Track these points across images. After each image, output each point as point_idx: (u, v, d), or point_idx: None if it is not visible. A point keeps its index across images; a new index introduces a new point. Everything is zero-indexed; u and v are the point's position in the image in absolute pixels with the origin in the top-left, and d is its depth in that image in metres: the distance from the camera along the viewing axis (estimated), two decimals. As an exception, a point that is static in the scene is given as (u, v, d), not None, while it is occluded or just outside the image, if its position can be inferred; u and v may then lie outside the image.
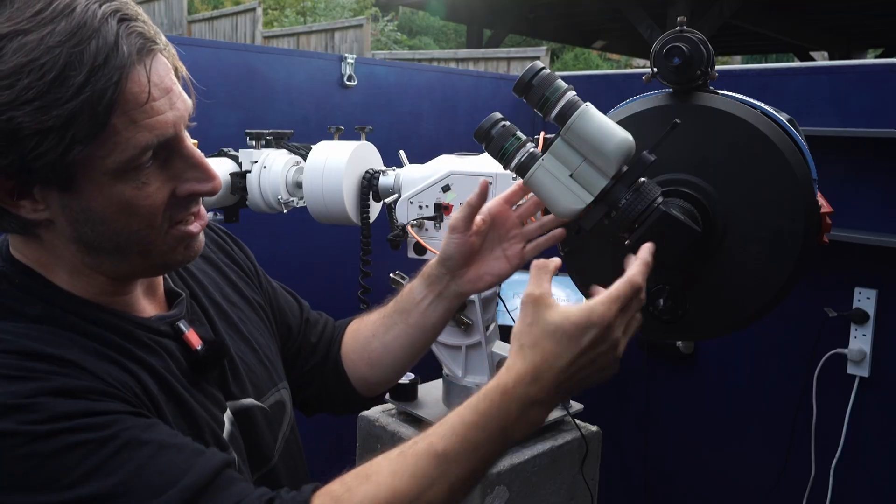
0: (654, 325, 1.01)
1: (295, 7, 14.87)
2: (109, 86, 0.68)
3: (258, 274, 1.10)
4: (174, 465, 0.70)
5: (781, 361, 2.19)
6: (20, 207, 0.73)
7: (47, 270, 0.78)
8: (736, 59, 13.31)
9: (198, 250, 0.84)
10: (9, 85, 0.66)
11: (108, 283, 0.81)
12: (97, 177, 0.72)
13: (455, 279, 1.04)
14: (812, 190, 0.97)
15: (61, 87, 0.67)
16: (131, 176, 0.73)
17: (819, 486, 2.09)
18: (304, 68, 2.14)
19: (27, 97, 0.66)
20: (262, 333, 1.04)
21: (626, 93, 1.09)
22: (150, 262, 0.81)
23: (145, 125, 0.72)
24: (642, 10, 6.44)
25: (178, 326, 0.87)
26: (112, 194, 0.73)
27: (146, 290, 0.88)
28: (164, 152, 0.76)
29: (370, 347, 1.11)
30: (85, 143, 0.69)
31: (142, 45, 0.71)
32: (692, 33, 0.95)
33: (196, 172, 0.79)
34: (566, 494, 1.72)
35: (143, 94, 0.71)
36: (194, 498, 0.69)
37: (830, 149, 1.96)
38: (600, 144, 0.89)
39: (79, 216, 0.74)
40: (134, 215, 0.75)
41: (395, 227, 1.55)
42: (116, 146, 0.71)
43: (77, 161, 0.70)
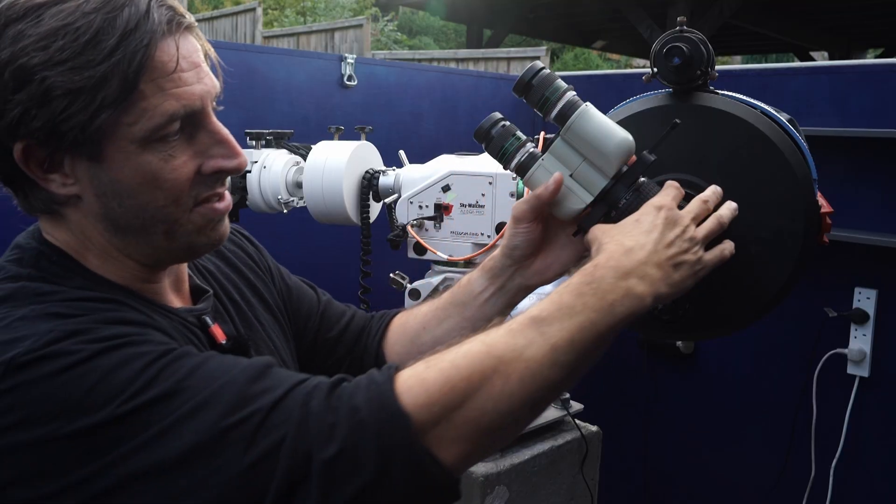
0: (654, 325, 1.01)
1: (295, 7, 14.88)
2: (140, 49, 0.70)
3: (272, 272, 1.10)
4: (228, 362, 0.71)
5: (781, 361, 2.19)
6: (50, 182, 0.74)
7: (79, 255, 0.79)
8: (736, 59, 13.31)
9: (223, 234, 0.85)
10: (44, 46, 0.68)
11: (137, 268, 0.81)
12: (125, 145, 0.73)
13: (520, 271, 1.00)
14: (812, 190, 0.97)
15: (94, 50, 0.69)
16: (158, 147, 0.74)
17: (819, 486, 2.09)
18: (304, 68, 2.14)
19: (61, 58, 0.69)
20: (278, 335, 1.04)
21: (626, 93, 1.09)
22: (175, 244, 0.81)
23: (173, 94, 0.73)
24: (642, 10, 6.44)
25: (205, 320, 0.88)
26: (139, 164, 0.74)
27: (173, 283, 0.89)
28: (190, 126, 0.77)
29: (420, 341, 1.07)
30: (114, 106, 0.70)
31: (171, 17, 0.74)
32: (692, 33, 0.95)
33: (222, 149, 0.79)
34: (566, 494, 1.73)
35: (171, 62, 0.73)
36: (257, 377, 0.69)
37: (830, 149, 1.96)
38: (600, 144, 0.89)
39: (107, 189, 0.75)
40: (160, 189, 0.76)
41: (395, 227, 1.55)
42: (144, 112, 0.72)
43: (105, 128, 0.71)
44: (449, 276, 1.54)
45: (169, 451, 0.64)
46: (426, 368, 0.70)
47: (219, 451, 0.65)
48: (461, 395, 0.68)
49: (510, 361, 0.70)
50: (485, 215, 1.50)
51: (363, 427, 0.66)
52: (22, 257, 0.78)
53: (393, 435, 0.66)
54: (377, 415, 0.67)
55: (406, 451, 0.66)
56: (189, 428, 0.65)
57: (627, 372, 2.52)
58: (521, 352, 0.71)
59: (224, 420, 0.65)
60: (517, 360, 0.70)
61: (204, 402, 0.66)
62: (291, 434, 0.66)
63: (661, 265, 0.81)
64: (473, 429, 0.69)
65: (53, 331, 0.67)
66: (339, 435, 0.66)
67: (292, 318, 1.09)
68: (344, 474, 0.65)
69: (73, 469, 0.64)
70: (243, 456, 0.65)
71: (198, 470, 0.64)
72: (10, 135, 0.71)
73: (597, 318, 0.75)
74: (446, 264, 1.54)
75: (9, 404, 0.64)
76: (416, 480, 0.67)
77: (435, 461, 0.67)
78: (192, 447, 0.64)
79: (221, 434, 0.65)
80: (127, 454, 0.64)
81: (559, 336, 0.72)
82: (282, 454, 0.65)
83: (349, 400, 0.68)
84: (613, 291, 0.76)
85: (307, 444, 0.65)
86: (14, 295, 0.72)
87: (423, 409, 0.68)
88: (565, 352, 0.72)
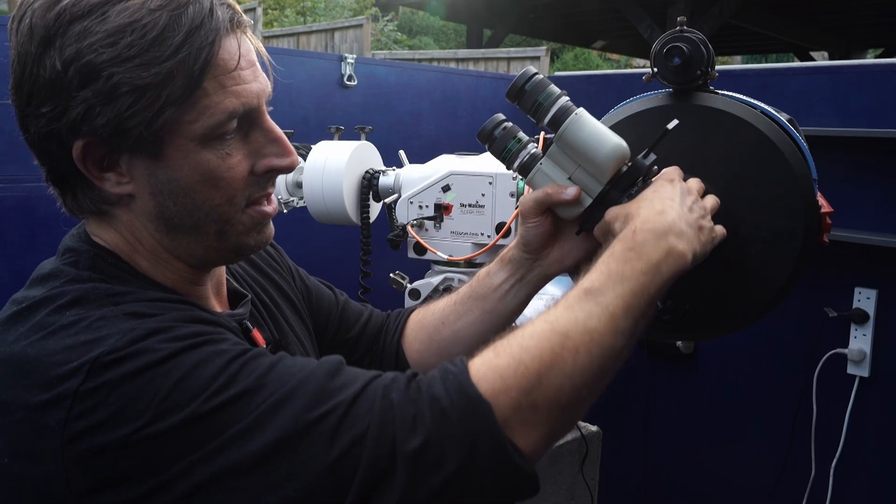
0: (654, 325, 1.01)
1: (295, 7, 14.87)
2: (205, 46, 0.71)
3: (293, 273, 1.10)
4: (304, 361, 0.72)
5: (781, 361, 2.19)
6: (105, 180, 0.75)
7: (128, 257, 0.79)
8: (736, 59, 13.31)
9: (269, 236, 0.86)
10: (111, 43, 0.69)
11: (184, 270, 0.82)
12: (185, 144, 0.74)
13: (540, 261, 1.01)
14: (812, 190, 0.97)
15: (160, 47, 0.69)
16: (216, 145, 0.75)
17: (819, 486, 2.09)
18: (304, 68, 2.14)
19: (128, 54, 0.69)
20: (306, 337, 1.04)
21: (626, 93, 1.09)
22: (225, 244, 0.81)
23: (233, 91, 0.74)
24: (642, 10, 6.44)
25: (246, 324, 0.88)
26: (198, 162, 0.75)
27: (214, 288, 0.89)
28: (246, 125, 0.78)
29: (439, 336, 1.08)
30: (178, 104, 0.71)
31: (232, 16, 0.75)
32: (692, 33, 0.95)
33: (275, 147, 0.81)
34: (566, 494, 1.72)
35: (232, 60, 0.74)
36: (335, 372, 0.69)
37: (830, 149, 1.96)
38: (592, 153, 0.89)
39: (163, 187, 0.75)
40: (216, 187, 0.76)
41: (395, 227, 1.55)
42: (205, 110, 0.73)
43: (168, 125, 0.72)
44: (449, 275, 1.54)
45: (253, 447, 0.64)
46: (496, 356, 0.71)
47: (303, 446, 0.65)
48: (535, 375, 0.69)
49: (575, 335, 0.71)
50: (485, 215, 1.50)
51: (446, 417, 0.66)
52: (78, 260, 0.77)
53: (476, 422, 0.66)
54: (459, 404, 0.67)
55: (490, 438, 0.66)
56: (272, 423, 0.65)
57: (627, 372, 2.51)
58: (584, 324, 0.72)
59: (307, 414, 0.66)
60: (582, 333, 0.71)
61: (285, 397, 0.66)
62: (375, 425, 0.65)
63: (691, 224, 0.83)
64: (552, 407, 0.69)
65: (135, 329, 0.67)
66: (421, 425, 0.66)
67: (313, 318, 1.10)
68: (429, 465, 0.65)
69: (159, 470, 0.64)
70: (329, 449, 0.65)
71: (283, 465, 0.64)
72: (71, 132, 0.71)
73: (646, 280, 0.77)
74: (446, 264, 1.54)
75: (94, 403, 0.64)
76: (500, 469, 0.67)
77: (516, 449, 0.67)
78: (277, 442, 0.64)
79: (305, 428, 0.65)
80: (212, 452, 0.64)
81: (615, 303, 0.74)
82: (366, 446, 0.65)
83: (429, 390, 0.68)
84: (656, 252, 0.78)
85: (391, 436, 0.65)
86: (87, 296, 0.72)
87: (501, 394, 0.68)
88: (623, 318, 0.74)
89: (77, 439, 0.64)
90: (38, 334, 0.68)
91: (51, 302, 0.71)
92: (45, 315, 0.70)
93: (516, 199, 1.46)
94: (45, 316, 0.70)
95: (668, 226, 0.80)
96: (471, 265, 1.54)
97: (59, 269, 0.77)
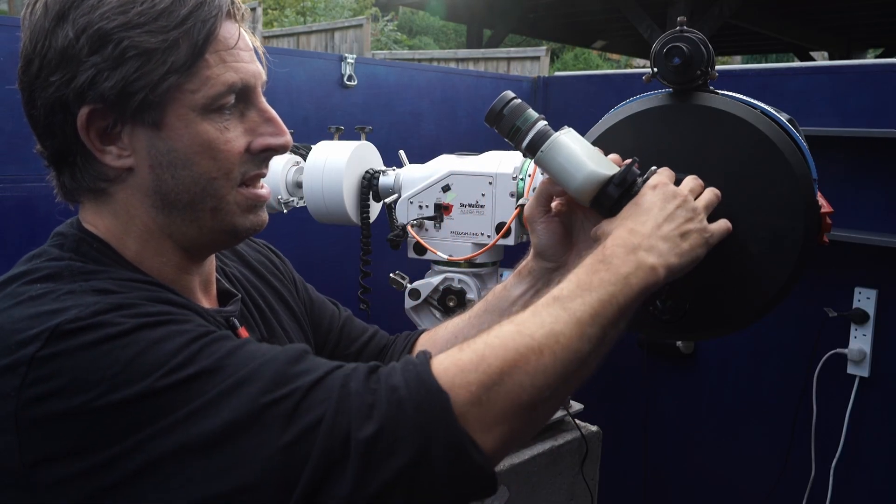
0: (654, 325, 1.01)
1: (295, 7, 14.86)
2: (209, 19, 0.76)
3: (296, 284, 1.11)
4: (268, 347, 0.72)
5: (781, 361, 2.19)
6: (106, 153, 0.78)
7: (118, 241, 0.81)
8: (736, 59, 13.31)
9: (264, 220, 0.87)
10: (123, 11, 0.74)
11: (175, 254, 0.83)
12: (185, 113, 0.77)
13: (559, 269, 1.00)
14: (812, 190, 0.97)
15: (168, 17, 0.75)
16: (215, 117, 0.79)
17: (819, 486, 2.09)
18: (304, 68, 2.14)
19: (138, 21, 0.74)
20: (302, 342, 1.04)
21: (626, 93, 1.09)
22: (219, 225, 0.83)
23: (233, 66, 0.79)
24: (642, 10, 6.44)
25: (233, 322, 0.89)
26: (197, 132, 0.78)
27: (202, 283, 0.90)
28: (242, 103, 0.81)
29: None
30: (181, 71, 0.75)
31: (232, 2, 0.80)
32: (692, 33, 0.95)
33: (270, 127, 0.84)
34: (566, 494, 1.73)
35: (232, 38, 0.79)
36: (296, 359, 0.70)
37: (830, 149, 1.96)
38: (566, 183, 0.91)
39: (162, 158, 0.78)
40: (214, 159, 0.79)
41: (395, 227, 1.55)
42: (207, 80, 0.77)
43: (170, 92, 0.75)
44: (449, 275, 1.54)
45: (206, 427, 0.64)
46: (460, 351, 0.71)
47: (257, 429, 0.65)
48: (497, 372, 0.69)
49: (540, 337, 0.72)
50: (485, 215, 1.50)
51: (402, 406, 0.66)
52: (63, 243, 0.80)
53: (431, 412, 0.66)
54: (416, 393, 0.67)
55: (445, 430, 0.66)
56: (227, 404, 0.65)
57: (627, 372, 2.52)
58: (550, 327, 0.73)
59: (263, 397, 0.65)
60: (547, 335, 0.72)
61: (243, 379, 0.66)
62: (330, 412, 0.65)
63: (666, 237, 0.84)
64: (512, 406, 0.70)
65: (99, 303, 0.68)
66: (377, 414, 0.66)
67: (314, 330, 1.10)
68: (382, 454, 0.64)
69: (109, 443, 0.64)
70: (282, 434, 0.64)
71: (235, 447, 0.64)
72: (77, 98, 0.74)
73: (615, 290, 0.78)
74: (446, 264, 1.54)
75: (50, 371, 0.64)
76: (455, 464, 0.66)
77: (474, 445, 0.67)
78: (231, 423, 0.64)
79: (260, 411, 0.65)
80: (165, 429, 0.64)
81: (583, 310, 0.75)
82: (320, 433, 0.65)
83: (387, 380, 0.68)
84: (625, 265, 0.80)
85: (346, 424, 0.65)
86: (61, 273, 0.74)
87: (460, 388, 0.68)
88: (590, 324, 0.75)
89: (29, 406, 0.64)
90: (6, 303, 0.70)
91: (26, 276, 0.74)
92: (17, 286, 0.72)
93: (516, 199, 1.46)
94: (16, 286, 0.72)
95: (637, 241, 0.83)
96: (471, 265, 1.54)
97: (44, 249, 0.80)
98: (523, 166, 1.47)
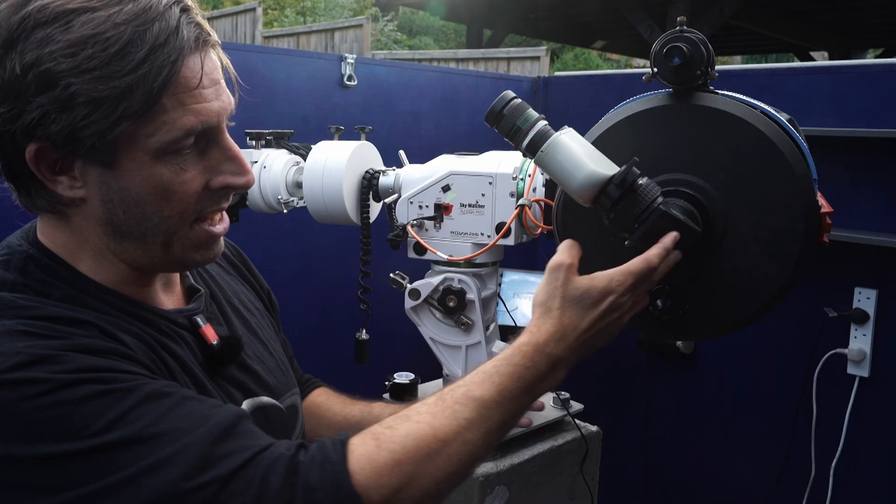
0: (654, 325, 1.01)
1: (295, 7, 14.86)
2: (167, 65, 0.71)
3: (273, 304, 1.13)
4: (198, 411, 0.71)
5: (781, 361, 2.18)
6: (57, 184, 0.75)
7: (72, 256, 0.80)
8: (736, 59, 13.30)
9: (217, 252, 0.86)
10: (72, 53, 0.69)
11: (128, 271, 0.82)
12: (139, 156, 0.74)
13: None
14: (812, 189, 0.97)
15: (122, 61, 0.70)
16: (171, 159, 0.75)
17: (819, 485, 2.08)
18: (304, 68, 2.13)
19: (88, 66, 0.69)
20: (276, 343, 1.05)
21: (626, 93, 1.09)
22: (170, 257, 0.82)
23: (192, 109, 0.74)
24: (642, 10, 6.44)
25: (195, 320, 0.88)
26: (151, 175, 0.75)
27: (164, 285, 0.89)
28: (203, 141, 0.78)
29: None
30: (134, 118, 0.71)
31: (198, 35, 0.75)
32: (692, 33, 0.95)
33: (232, 165, 0.81)
34: (566, 494, 1.72)
35: (194, 79, 0.74)
36: (222, 437, 0.69)
37: (830, 149, 1.96)
38: (566, 183, 0.91)
39: (114, 196, 0.76)
40: (168, 200, 0.77)
41: (395, 227, 1.55)
42: (163, 125, 0.73)
43: (123, 137, 0.72)
44: (449, 275, 1.54)
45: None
46: (377, 449, 0.74)
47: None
48: (408, 477, 0.73)
49: (454, 445, 0.77)
50: (485, 215, 1.50)
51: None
52: (10, 260, 0.78)
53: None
54: (332, 497, 0.70)
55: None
56: (148, 484, 0.65)
57: (627, 372, 2.52)
58: (463, 434, 0.78)
59: (185, 482, 0.66)
60: (458, 444, 0.77)
61: (167, 458, 0.66)
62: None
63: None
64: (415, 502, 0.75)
65: (20, 353, 0.67)
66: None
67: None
68: None
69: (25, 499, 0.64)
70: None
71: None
72: (25, 135, 0.71)
73: (526, 400, 0.84)
74: (446, 264, 1.54)
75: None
76: None
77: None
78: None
79: (180, 497, 0.65)
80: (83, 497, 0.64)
81: (496, 419, 0.80)
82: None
83: (305, 478, 0.70)
84: (544, 379, 0.85)
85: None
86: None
87: (374, 491, 0.72)
88: (497, 433, 0.81)
89: None
90: None
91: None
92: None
93: (516, 199, 1.46)
94: None
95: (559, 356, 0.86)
96: (471, 265, 1.54)
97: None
98: (523, 166, 1.46)
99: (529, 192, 1.44)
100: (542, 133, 0.91)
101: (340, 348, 1.80)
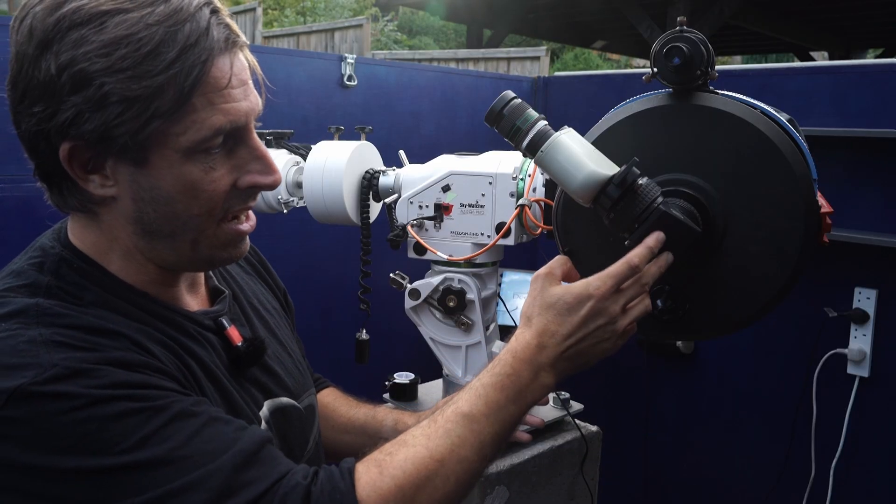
0: (654, 325, 1.01)
1: (295, 7, 14.86)
2: (197, 65, 0.73)
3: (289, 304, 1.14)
4: (224, 434, 0.73)
5: (781, 361, 2.19)
6: (89, 182, 0.77)
7: (102, 256, 0.81)
8: (736, 59, 13.30)
9: (244, 251, 0.88)
10: (106, 53, 0.70)
11: (156, 271, 0.83)
12: (169, 154, 0.75)
13: None
14: (812, 189, 0.96)
15: (154, 61, 0.72)
16: (201, 158, 0.77)
17: (819, 485, 2.09)
18: (304, 68, 2.13)
19: (121, 66, 0.71)
20: (293, 343, 1.07)
21: (626, 93, 1.09)
22: (198, 255, 0.83)
23: (221, 109, 0.76)
24: (642, 10, 6.44)
25: (221, 322, 0.90)
26: (181, 173, 0.76)
27: (189, 286, 0.90)
28: (232, 140, 0.80)
29: None
30: (165, 117, 0.73)
31: (228, 36, 0.77)
32: (692, 33, 0.95)
33: (259, 164, 0.83)
34: (566, 494, 1.72)
35: (224, 79, 0.76)
36: (245, 464, 0.71)
37: (830, 149, 1.96)
38: (566, 183, 0.91)
39: (145, 194, 0.77)
40: (197, 199, 0.78)
41: (395, 227, 1.55)
42: (193, 124, 0.75)
43: (154, 136, 0.74)
44: (449, 275, 1.54)
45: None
46: (380, 476, 0.77)
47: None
48: (410, 500, 0.77)
49: (448, 462, 0.79)
50: (485, 215, 1.50)
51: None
52: (44, 262, 0.79)
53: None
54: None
55: None
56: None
57: (627, 372, 2.52)
58: (457, 452, 0.80)
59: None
60: (454, 462, 0.80)
61: (192, 483, 0.68)
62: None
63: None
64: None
65: (57, 366, 0.68)
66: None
67: None
68: None
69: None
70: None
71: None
72: (59, 134, 0.73)
73: (515, 409, 0.85)
74: (446, 264, 1.54)
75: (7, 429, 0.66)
76: None
77: None
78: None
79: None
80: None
81: (488, 432, 0.82)
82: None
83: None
84: (530, 385, 0.86)
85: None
86: (26, 311, 0.73)
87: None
88: (491, 446, 0.83)
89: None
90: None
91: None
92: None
93: (516, 199, 1.46)
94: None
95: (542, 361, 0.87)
96: (471, 265, 1.53)
97: (23, 268, 0.79)
98: (523, 166, 1.46)
99: (529, 192, 1.44)
100: (542, 133, 0.91)
101: (340, 348, 1.81)
